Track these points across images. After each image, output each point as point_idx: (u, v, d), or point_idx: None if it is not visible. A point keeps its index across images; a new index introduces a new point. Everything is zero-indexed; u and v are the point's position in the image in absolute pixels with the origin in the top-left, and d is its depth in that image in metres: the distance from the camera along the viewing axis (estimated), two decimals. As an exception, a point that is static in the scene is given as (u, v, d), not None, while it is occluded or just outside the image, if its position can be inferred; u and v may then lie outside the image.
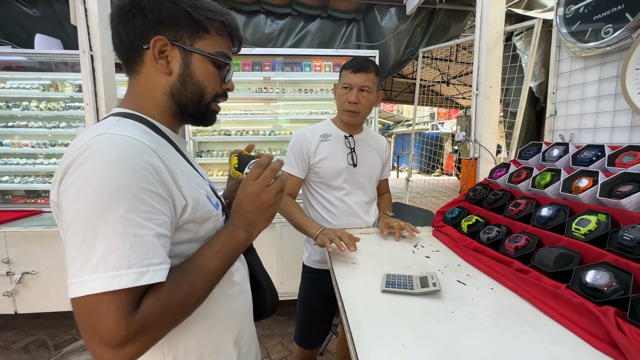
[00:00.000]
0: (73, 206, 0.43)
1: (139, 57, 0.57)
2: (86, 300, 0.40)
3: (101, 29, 1.43)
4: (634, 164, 0.87)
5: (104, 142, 0.45)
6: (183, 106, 0.60)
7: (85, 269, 0.41)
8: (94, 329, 0.41)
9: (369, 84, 1.24)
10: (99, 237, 0.41)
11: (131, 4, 0.54)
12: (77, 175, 0.43)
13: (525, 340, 0.60)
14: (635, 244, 0.68)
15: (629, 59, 0.94)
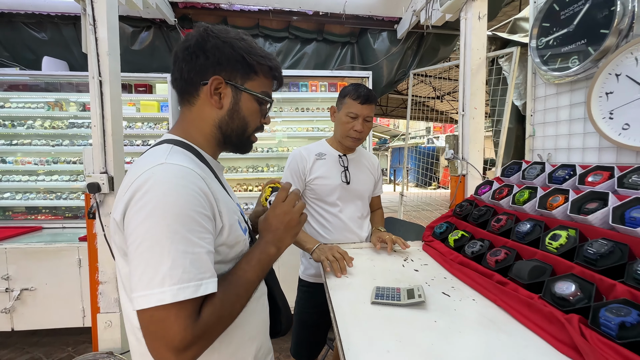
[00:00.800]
0: (142, 228, 0.49)
1: (195, 91, 0.65)
2: (155, 311, 0.47)
3: (110, 57, 1.53)
4: (600, 182, 0.95)
5: (165, 172, 0.53)
6: (227, 137, 0.68)
7: (153, 283, 0.47)
8: (162, 336, 0.47)
9: (372, 114, 1.35)
10: (164, 255, 0.48)
11: (196, 46, 0.62)
12: (145, 201, 0.50)
13: (499, 346, 0.66)
14: (598, 257, 0.75)
15: (592, 88, 1.04)
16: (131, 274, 0.49)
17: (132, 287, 0.49)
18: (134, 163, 0.61)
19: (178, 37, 2.76)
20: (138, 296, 0.47)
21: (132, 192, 0.52)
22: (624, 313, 0.61)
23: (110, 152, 1.55)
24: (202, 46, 0.62)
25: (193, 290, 0.49)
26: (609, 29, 0.98)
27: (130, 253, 0.50)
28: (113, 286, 1.60)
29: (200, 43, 0.62)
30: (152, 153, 0.60)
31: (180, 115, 0.69)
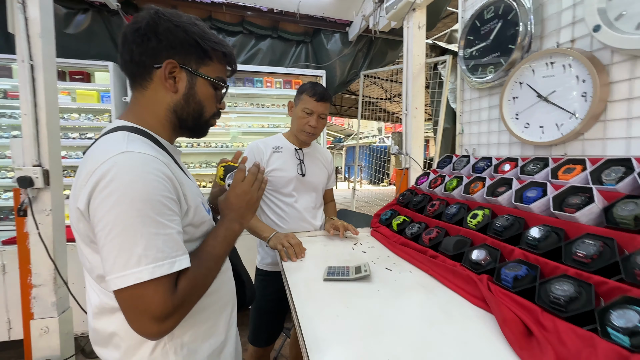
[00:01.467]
0: (111, 215, 0.51)
1: (148, 75, 0.64)
2: (134, 289, 0.51)
3: (42, 39, 1.40)
4: (509, 171, 1.16)
5: (128, 160, 0.54)
6: (183, 121, 0.69)
7: (129, 264, 0.51)
8: (144, 310, 0.52)
9: (326, 112, 1.44)
10: (137, 237, 0.51)
11: (147, 28, 0.61)
12: (112, 189, 0.51)
13: (427, 304, 0.80)
14: (503, 229, 0.93)
15: (503, 93, 1.25)
16: (104, 259, 0.52)
17: (107, 271, 0.52)
18: (90, 151, 0.60)
19: (121, 22, 2.57)
20: (115, 277, 0.51)
21: (95, 180, 0.52)
22: (517, 269, 0.78)
23: (45, 143, 1.42)
24: (154, 29, 0.62)
25: (168, 267, 0.54)
26: (514, 44, 1.19)
27: (100, 239, 0.52)
28: (50, 289, 1.47)
29: (152, 25, 0.62)
30: (108, 141, 0.60)
31: (132, 99, 0.69)
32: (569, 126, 1.03)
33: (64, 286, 1.53)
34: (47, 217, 1.45)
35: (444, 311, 0.76)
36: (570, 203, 0.84)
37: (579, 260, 0.71)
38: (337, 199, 1.73)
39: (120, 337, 0.62)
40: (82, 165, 0.58)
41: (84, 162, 0.58)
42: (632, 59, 0.88)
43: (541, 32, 1.15)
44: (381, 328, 0.69)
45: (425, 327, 0.69)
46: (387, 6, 2.03)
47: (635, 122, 0.88)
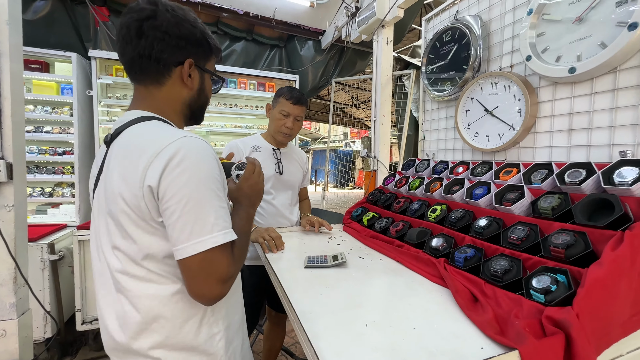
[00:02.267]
0: (187, 188, 0.57)
1: (167, 72, 0.67)
2: (208, 253, 0.58)
3: (10, 27, 1.33)
4: (462, 172, 1.35)
5: (193, 143, 0.60)
6: (193, 112, 0.75)
7: (204, 230, 0.58)
8: (214, 272, 0.59)
9: (302, 114, 1.54)
10: (209, 208, 0.59)
11: (169, 26, 0.64)
12: (183, 167, 0.57)
13: (396, 283, 0.93)
14: (456, 221, 1.11)
15: (457, 106, 1.46)
16: (179, 230, 0.57)
17: (183, 239, 0.57)
18: (137, 136, 0.62)
19: (86, 12, 2.46)
20: (192, 244, 0.57)
21: (166, 160, 0.57)
22: (467, 252, 0.95)
23: (9, 135, 1.34)
24: (177, 28, 0.65)
25: (231, 235, 0.62)
26: (467, 65, 1.40)
27: (174, 212, 0.57)
28: (9, 289, 1.39)
29: (173, 24, 0.64)
30: (154, 127, 0.64)
31: (145, 92, 0.69)
32: (508, 136, 1.25)
33: (25, 286, 1.45)
34: (9, 213, 1.37)
35: (410, 287, 0.90)
36: (507, 198, 1.03)
37: (512, 242, 0.89)
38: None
39: (166, 318, 0.63)
40: (135, 147, 0.60)
41: (139, 145, 0.60)
42: (553, 84, 1.11)
43: (488, 56, 1.37)
44: (359, 301, 0.81)
45: (395, 299, 0.83)
46: (359, 20, 2.20)
47: (555, 134, 1.11)
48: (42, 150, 2.41)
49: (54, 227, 2.22)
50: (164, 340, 0.63)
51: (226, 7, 2.67)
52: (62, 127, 2.45)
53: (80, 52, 2.42)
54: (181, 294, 0.64)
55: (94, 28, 2.52)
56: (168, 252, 0.61)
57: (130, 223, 0.60)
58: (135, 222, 0.60)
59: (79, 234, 1.98)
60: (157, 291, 0.62)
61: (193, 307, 0.65)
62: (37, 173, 2.41)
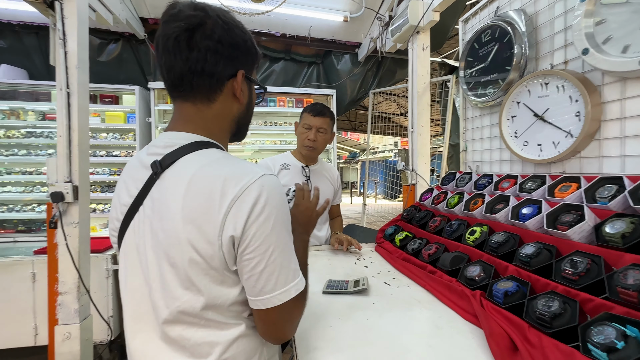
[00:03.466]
0: (272, 236, 0.53)
1: (219, 87, 0.59)
2: (291, 300, 0.55)
3: (79, 70, 1.57)
4: (508, 188, 1.17)
5: (272, 183, 0.55)
6: (239, 129, 0.67)
7: (288, 279, 0.55)
8: (293, 318, 0.58)
9: (325, 126, 1.52)
10: (290, 254, 0.56)
11: (223, 35, 0.56)
12: (268, 213, 0.52)
13: (419, 317, 0.82)
14: (498, 246, 0.95)
15: (501, 112, 1.28)
16: (265, 280, 0.53)
17: (268, 290, 0.53)
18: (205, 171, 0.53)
19: (147, 50, 2.81)
20: (278, 294, 0.54)
21: (250, 206, 0.51)
22: (508, 285, 0.80)
23: (76, 162, 1.56)
24: (229, 36, 0.57)
25: (304, 277, 0.60)
26: (510, 65, 1.24)
27: (260, 262, 0.52)
28: (73, 296, 1.58)
29: (225, 30, 0.56)
30: (222, 161, 0.56)
31: (192, 111, 0.60)
32: (565, 144, 1.05)
33: (86, 294, 1.63)
34: (75, 229, 1.57)
35: (435, 325, 0.78)
36: (563, 220, 0.85)
37: (567, 277, 0.72)
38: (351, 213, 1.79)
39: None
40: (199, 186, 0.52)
41: (201, 183, 0.52)
42: (621, 80, 0.90)
43: (536, 54, 1.19)
44: (370, 339, 0.72)
45: (415, 339, 0.72)
46: (392, 29, 2.13)
47: (628, 140, 0.90)
48: (112, 171, 2.77)
49: (118, 240, 2.50)
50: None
51: (264, 32, 2.82)
52: (128, 151, 2.79)
53: (142, 85, 2.76)
54: (244, 337, 0.58)
55: (154, 63, 2.86)
56: (235, 300, 0.56)
57: (199, 272, 0.53)
58: (205, 271, 0.53)
59: (136, 246, 2.19)
60: (218, 338, 0.56)
61: (254, 348, 0.60)
62: (108, 191, 2.76)
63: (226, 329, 0.56)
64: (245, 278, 0.54)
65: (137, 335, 0.59)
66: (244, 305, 0.58)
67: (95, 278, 2.10)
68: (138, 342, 0.59)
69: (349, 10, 2.61)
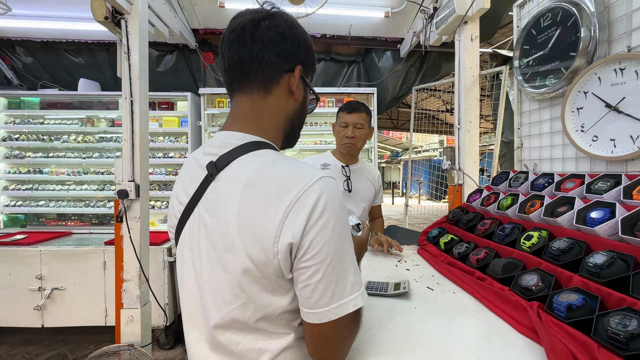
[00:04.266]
0: (331, 244, 0.49)
1: (277, 78, 0.59)
2: (347, 316, 0.50)
3: (140, 80, 1.74)
4: (573, 189, 1.05)
5: (331, 186, 0.51)
6: (292, 129, 0.66)
7: (346, 292, 0.50)
8: (348, 337, 0.54)
9: (362, 122, 1.50)
10: (349, 265, 0.51)
11: (287, 29, 0.58)
12: (326, 219, 0.49)
13: (466, 327, 0.77)
14: (560, 253, 0.85)
15: (565, 104, 1.15)
16: (321, 292, 0.49)
17: (323, 303, 0.50)
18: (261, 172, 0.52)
19: (198, 59, 3.02)
20: (333, 308, 0.50)
21: (308, 211, 0.48)
22: (572, 298, 0.71)
23: (138, 163, 1.74)
24: (292, 31, 0.59)
25: (365, 292, 0.54)
26: (576, 51, 1.10)
27: (317, 272, 0.49)
28: (135, 284, 1.76)
29: (290, 28, 0.59)
30: (279, 162, 0.54)
31: (247, 106, 0.60)
32: (646, 139, 0.90)
33: (146, 283, 1.81)
34: (137, 223, 1.75)
35: (484, 336, 0.72)
36: (643, 227, 0.73)
37: (649, 292, 0.62)
38: (393, 214, 1.75)
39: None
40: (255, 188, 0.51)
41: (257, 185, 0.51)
42: None
43: (608, 36, 1.04)
44: (412, 345, 0.69)
45: (460, 349, 0.67)
46: (437, 21, 2.02)
47: None
48: (168, 171, 3.03)
49: (173, 234, 2.72)
50: None
51: (305, 34, 2.86)
52: (181, 153, 3.03)
53: (193, 91, 2.98)
54: (292, 348, 0.56)
55: (203, 70, 3.07)
56: (285, 309, 0.54)
57: (250, 280, 0.51)
58: (257, 279, 0.51)
59: (187, 241, 2.37)
60: (266, 345, 0.54)
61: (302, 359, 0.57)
62: (165, 190, 3.02)
63: (275, 337, 0.55)
64: (300, 287, 0.51)
65: (191, 332, 0.61)
66: (295, 314, 0.55)
67: (153, 268, 2.31)
68: (192, 339, 0.60)
69: (390, 5, 2.54)
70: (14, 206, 2.97)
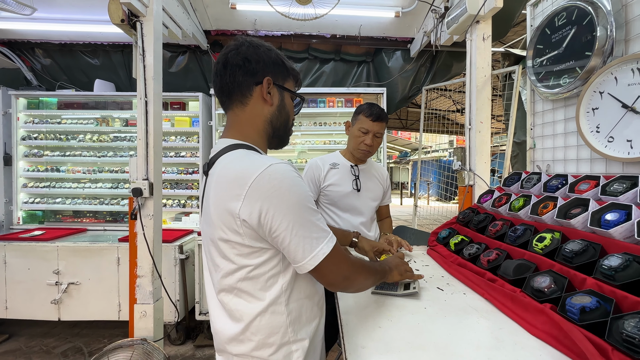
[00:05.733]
0: (290, 215, 0.63)
1: (249, 92, 0.74)
2: (324, 261, 0.65)
3: (154, 80, 1.79)
4: (588, 190, 1.03)
5: (280, 170, 0.65)
6: (276, 130, 0.80)
7: (313, 245, 0.65)
8: (335, 273, 0.69)
9: (382, 131, 1.50)
10: (311, 226, 0.65)
11: (248, 52, 0.73)
12: (279, 195, 0.63)
13: (477, 327, 0.77)
14: (573, 255, 0.84)
15: (579, 104, 1.13)
16: (293, 251, 0.64)
17: (299, 258, 0.65)
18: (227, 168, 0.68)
19: (210, 60, 3.07)
20: (308, 260, 0.65)
21: (262, 193, 0.63)
22: (586, 300, 0.70)
23: (152, 162, 1.78)
24: (254, 52, 0.73)
25: (332, 239, 0.69)
26: (591, 51, 1.08)
27: (285, 238, 0.63)
28: (148, 280, 1.80)
29: (251, 50, 0.73)
30: (243, 157, 0.69)
31: (233, 117, 0.77)
32: (665, 140, 0.89)
33: (158, 279, 1.85)
34: (150, 221, 1.79)
35: (495, 337, 0.72)
36: (660, 229, 0.72)
37: (666, 296, 0.61)
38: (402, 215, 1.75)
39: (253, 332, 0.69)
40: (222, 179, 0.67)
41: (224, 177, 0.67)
42: None
43: (625, 35, 1.02)
44: (422, 343, 0.69)
45: (471, 349, 0.68)
46: (448, 20, 2.01)
47: None
48: (180, 170, 3.09)
49: (184, 232, 2.77)
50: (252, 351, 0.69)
51: (315, 34, 2.87)
52: (192, 152, 3.07)
53: (205, 92, 3.03)
54: (266, 313, 0.68)
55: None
56: (260, 272, 0.68)
57: (227, 247, 0.68)
58: (232, 246, 0.67)
59: (199, 238, 2.42)
60: (245, 308, 0.69)
61: (277, 326, 0.69)
62: (176, 188, 3.08)
63: (252, 302, 0.69)
64: (282, 250, 0.66)
65: (208, 291, 0.79)
66: (271, 280, 0.68)
67: (165, 265, 2.36)
68: (209, 298, 0.79)
69: (401, 5, 2.53)
70: (33, 203, 3.07)
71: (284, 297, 0.69)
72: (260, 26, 2.83)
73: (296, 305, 0.71)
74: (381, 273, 0.88)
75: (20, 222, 3.05)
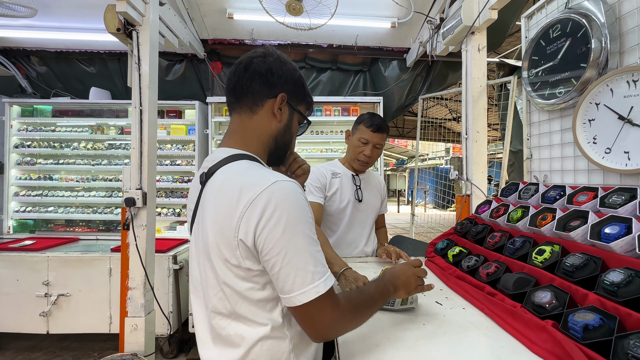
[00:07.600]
0: (284, 240, 0.57)
1: (261, 102, 0.72)
2: (314, 302, 0.58)
3: (149, 89, 1.77)
4: (586, 202, 1.02)
5: (284, 189, 0.60)
6: (278, 148, 0.77)
7: (306, 281, 0.58)
8: (321, 319, 0.60)
9: (382, 142, 1.48)
10: (307, 257, 0.58)
11: (275, 65, 0.72)
12: (278, 218, 0.57)
13: (477, 346, 0.74)
14: (574, 269, 0.82)
15: (576, 115, 1.13)
16: (282, 281, 0.58)
17: (287, 290, 0.58)
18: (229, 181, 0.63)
19: (206, 68, 3.07)
20: (297, 294, 0.57)
21: (259, 213, 0.57)
22: (589, 317, 0.68)
23: (145, 171, 1.75)
24: (279, 67, 0.72)
25: (330, 279, 0.61)
26: (587, 62, 1.09)
27: (276, 264, 0.58)
28: (140, 292, 1.75)
29: (278, 64, 0.72)
30: (246, 170, 0.65)
31: (238, 123, 0.74)
32: (662, 152, 0.88)
33: (150, 291, 1.80)
34: (143, 231, 1.76)
35: (496, 356, 0.70)
36: (662, 244, 0.71)
37: (671, 314, 0.60)
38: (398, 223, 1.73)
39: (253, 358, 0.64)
40: (222, 193, 0.62)
41: (224, 191, 0.62)
42: None
43: (619, 47, 1.03)
44: (421, 364, 0.67)
45: (471, 370, 0.65)
46: (443, 31, 2.03)
47: None
48: (175, 178, 3.06)
49: (178, 242, 2.73)
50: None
51: (312, 44, 2.89)
52: (188, 160, 3.05)
53: (201, 100, 3.02)
54: (269, 339, 0.63)
55: (212, 79, 3.11)
56: (261, 297, 0.62)
57: (224, 268, 0.62)
58: (228, 268, 0.62)
59: (193, 248, 2.37)
60: (245, 333, 0.63)
61: (280, 352, 0.64)
62: (172, 197, 3.04)
63: (254, 326, 0.63)
64: (272, 277, 0.60)
65: (197, 316, 0.72)
66: (271, 302, 0.63)
67: (158, 276, 2.31)
68: (197, 322, 0.72)
69: (397, 16, 2.56)
70: (24, 212, 3.01)
71: (286, 320, 0.65)
72: (257, 35, 2.84)
73: (298, 329, 0.66)
74: (382, 301, 0.76)
75: (10, 232, 2.98)
